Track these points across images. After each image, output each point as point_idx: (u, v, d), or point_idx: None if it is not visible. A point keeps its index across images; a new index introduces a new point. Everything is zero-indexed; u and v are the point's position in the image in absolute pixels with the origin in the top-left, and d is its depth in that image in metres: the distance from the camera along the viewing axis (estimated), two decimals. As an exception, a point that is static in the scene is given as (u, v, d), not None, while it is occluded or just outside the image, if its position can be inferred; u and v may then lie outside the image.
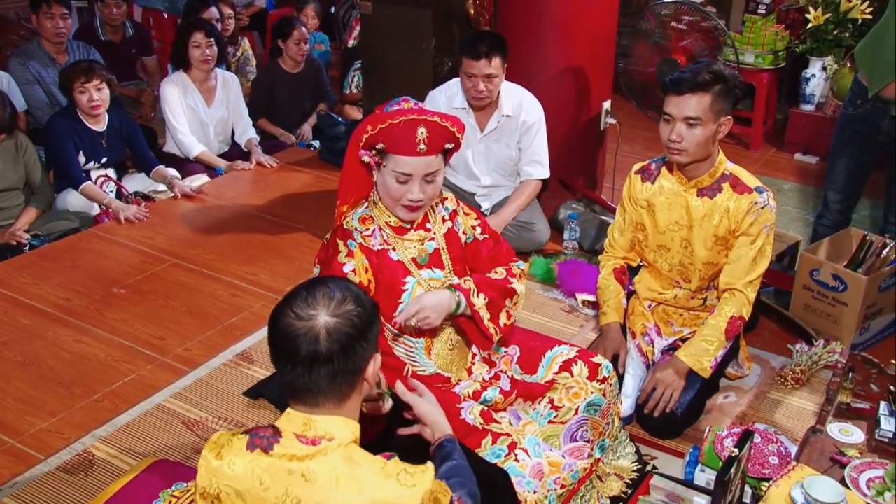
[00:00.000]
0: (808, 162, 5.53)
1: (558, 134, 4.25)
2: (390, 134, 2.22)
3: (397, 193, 2.28)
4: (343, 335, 1.60)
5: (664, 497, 2.56)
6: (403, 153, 2.23)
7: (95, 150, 4.50)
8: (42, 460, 2.74)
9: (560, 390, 2.48)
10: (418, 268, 2.38)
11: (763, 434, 2.66)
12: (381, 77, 4.93)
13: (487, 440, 2.24)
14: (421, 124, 2.23)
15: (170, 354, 3.32)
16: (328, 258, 2.31)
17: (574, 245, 4.08)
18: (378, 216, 2.37)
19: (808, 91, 5.59)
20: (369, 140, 2.25)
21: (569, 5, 4.08)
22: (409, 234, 2.39)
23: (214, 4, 5.76)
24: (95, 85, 4.36)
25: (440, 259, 2.42)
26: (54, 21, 4.99)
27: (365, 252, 2.32)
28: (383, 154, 2.26)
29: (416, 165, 2.25)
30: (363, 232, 2.35)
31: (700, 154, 2.79)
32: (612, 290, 3.09)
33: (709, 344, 2.83)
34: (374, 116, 2.27)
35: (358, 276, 2.29)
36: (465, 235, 2.52)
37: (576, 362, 2.50)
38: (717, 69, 2.73)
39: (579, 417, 2.46)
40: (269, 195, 4.79)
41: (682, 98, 2.71)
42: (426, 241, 2.41)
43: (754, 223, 2.81)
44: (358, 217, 2.37)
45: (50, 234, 4.25)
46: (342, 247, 2.31)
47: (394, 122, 2.21)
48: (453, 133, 2.29)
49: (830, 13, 5.31)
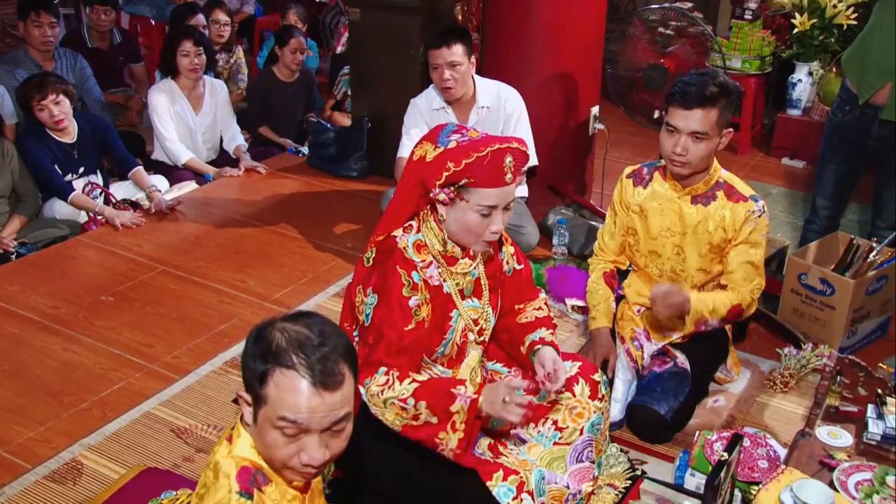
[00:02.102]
0: (795, 166, 5.55)
1: (547, 139, 4.26)
2: (478, 167, 2.09)
3: (479, 228, 2.18)
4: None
5: (654, 501, 2.56)
6: (492, 185, 2.12)
7: (69, 162, 4.46)
8: (30, 469, 2.72)
9: (563, 411, 2.43)
10: (462, 299, 2.32)
11: (752, 438, 2.67)
12: (370, 83, 4.94)
13: (499, 475, 2.20)
14: (507, 153, 2.12)
15: (158, 362, 3.31)
16: (387, 287, 2.17)
17: (563, 250, 4.09)
18: (432, 244, 2.25)
19: (794, 96, 5.62)
20: (451, 177, 2.11)
21: (556, 11, 4.09)
22: (458, 264, 2.29)
23: (209, 11, 5.75)
24: (52, 99, 4.28)
25: (480, 288, 2.36)
26: (42, 29, 4.98)
27: (427, 286, 2.23)
28: (464, 190, 2.14)
29: (501, 196, 2.15)
30: (421, 264, 2.23)
31: (702, 166, 2.80)
32: (602, 295, 3.10)
33: (711, 308, 2.80)
34: (449, 152, 2.13)
35: (420, 312, 2.20)
36: (507, 265, 2.47)
37: (577, 381, 2.44)
38: (722, 81, 2.71)
39: (585, 438, 2.42)
40: (258, 202, 4.78)
41: (690, 112, 2.69)
42: (471, 271, 2.33)
43: (753, 231, 2.81)
44: (412, 244, 2.23)
45: (37, 241, 4.24)
46: (405, 279, 2.18)
47: (480, 155, 2.09)
48: (527, 154, 2.21)
49: (816, 19, 5.35)
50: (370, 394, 2.15)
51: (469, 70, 3.88)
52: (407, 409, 2.11)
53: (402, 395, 2.11)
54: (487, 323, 2.39)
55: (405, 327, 2.17)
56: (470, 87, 3.95)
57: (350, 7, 4.89)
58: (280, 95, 5.56)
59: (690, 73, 2.80)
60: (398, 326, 2.16)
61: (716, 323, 2.85)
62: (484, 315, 2.37)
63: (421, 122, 4.08)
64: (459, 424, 2.11)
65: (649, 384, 2.89)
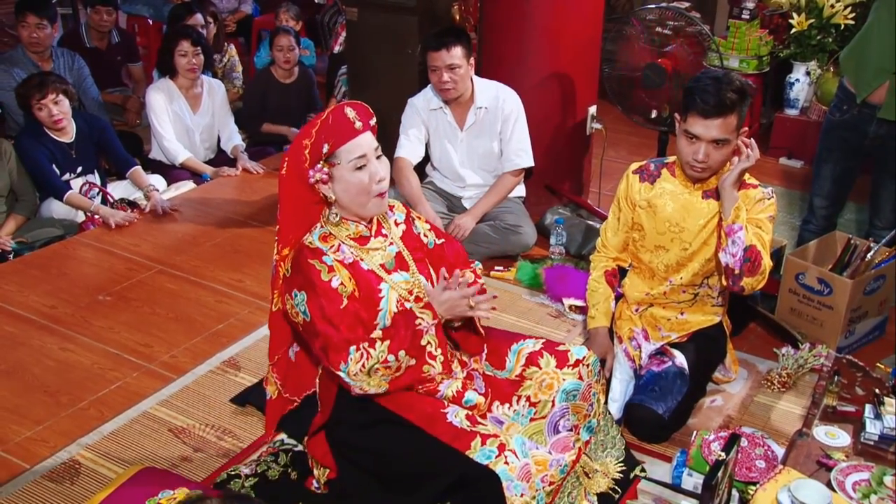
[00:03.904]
0: (792, 166, 5.56)
1: (544, 139, 4.26)
2: (327, 129, 2.26)
3: (364, 184, 2.31)
4: None
5: (652, 501, 2.56)
6: (348, 137, 2.27)
7: (67, 161, 4.46)
8: (27, 469, 2.72)
9: (533, 386, 2.49)
10: (388, 273, 2.41)
11: (750, 438, 2.67)
12: (367, 83, 4.93)
13: (477, 442, 2.24)
14: (344, 107, 2.28)
15: (156, 362, 3.30)
16: (308, 281, 2.29)
17: (561, 250, 4.09)
18: (338, 233, 2.39)
19: (792, 96, 5.63)
20: (313, 151, 2.28)
21: (554, 11, 4.09)
22: (371, 242, 2.42)
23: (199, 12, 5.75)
24: (52, 99, 4.29)
25: (404, 261, 2.46)
26: (29, 30, 4.98)
27: (343, 265, 2.34)
28: (332, 157, 2.29)
29: (363, 144, 2.30)
30: (329, 249, 2.35)
31: (721, 168, 2.82)
32: (602, 294, 3.10)
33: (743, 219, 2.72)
34: (298, 137, 2.31)
35: (346, 288, 2.30)
36: (426, 238, 2.58)
37: (542, 355, 2.52)
38: (738, 86, 2.70)
39: (558, 408, 2.47)
40: (256, 202, 4.78)
41: (711, 121, 2.69)
42: (387, 247, 2.45)
43: (764, 210, 2.82)
44: (318, 237, 2.37)
45: (35, 241, 4.23)
46: (319, 265, 2.30)
47: (323, 119, 2.27)
48: (364, 105, 2.34)
49: (813, 18, 5.35)
50: (351, 373, 2.25)
51: (468, 72, 3.89)
52: (391, 365, 2.28)
53: (381, 356, 2.26)
54: (424, 293, 2.45)
55: (339, 306, 2.28)
56: (468, 88, 3.95)
57: (347, 7, 4.89)
58: (277, 96, 5.56)
59: (703, 78, 2.76)
60: (335, 307, 2.27)
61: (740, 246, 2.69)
62: (417, 284, 2.45)
63: (418, 122, 4.08)
64: (435, 350, 2.37)
65: (647, 384, 2.89)
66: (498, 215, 4.09)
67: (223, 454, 2.78)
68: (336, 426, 2.44)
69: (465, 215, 4.04)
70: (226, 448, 2.81)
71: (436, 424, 2.29)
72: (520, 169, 4.08)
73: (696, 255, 2.93)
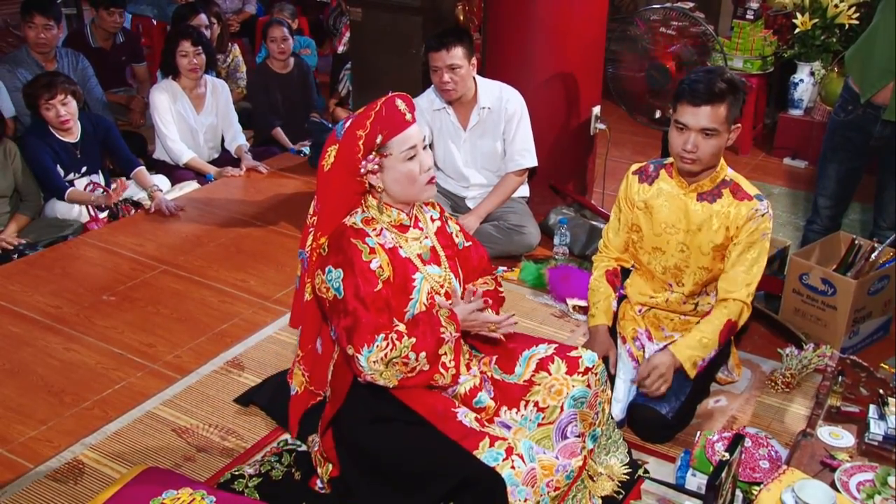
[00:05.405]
0: (796, 166, 5.55)
1: (548, 139, 4.26)
2: (381, 121, 2.30)
3: (415, 174, 2.36)
4: None
5: (656, 502, 2.56)
6: (402, 128, 2.32)
7: (72, 161, 4.48)
8: (31, 469, 2.72)
9: (542, 391, 2.48)
10: (423, 264, 2.44)
11: (754, 438, 2.67)
12: (371, 83, 4.93)
13: (485, 442, 2.23)
14: (394, 99, 2.34)
15: (160, 361, 3.31)
16: (348, 259, 2.30)
17: (564, 250, 4.09)
18: (380, 219, 2.41)
19: (796, 96, 5.62)
20: (367, 142, 2.31)
21: (558, 11, 4.09)
22: (410, 231, 2.45)
23: (203, 12, 5.76)
24: (60, 100, 4.32)
25: (437, 256, 2.49)
26: (36, 31, 5.00)
27: (383, 249, 2.36)
28: (384, 148, 2.32)
29: (415, 135, 2.35)
30: (373, 232, 2.38)
31: (712, 162, 2.82)
32: (603, 293, 3.10)
33: (703, 344, 2.82)
34: (350, 128, 2.35)
35: (383, 272, 2.33)
36: (457, 238, 2.62)
37: (553, 360, 2.51)
38: (729, 77, 2.73)
39: (567, 414, 2.46)
40: (260, 201, 4.78)
41: (699, 109, 2.70)
42: (423, 240, 2.47)
43: (755, 231, 2.82)
44: (361, 220, 2.40)
45: (39, 241, 4.24)
46: (361, 245, 2.32)
47: (376, 110, 2.31)
48: (410, 98, 2.39)
49: (818, 18, 5.35)
50: (371, 360, 2.25)
51: (469, 72, 3.89)
52: (409, 363, 2.29)
53: (404, 351, 2.27)
54: (452, 289, 2.48)
55: (374, 289, 2.30)
56: (471, 89, 3.95)
57: (352, 7, 4.90)
58: (278, 87, 5.59)
59: (696, 71, 2.81)
60: (370, 288, 2.29)
61: (714, 352, 2.86)
62: (447, 280, 2.48)
63: (422, 123, 4.06)
64: (449, 362, 2.36)
65: (651, 384, 2.89)
66: (502, 215, 4.09)
67: (227, 454, 2.78)
68: (346, 419, 2.43)
69: (468, 215, 4.04)
70: (229, 448, 2.81)
71: (446, 421, 2.29)
72: (523, 169, 4.08)
73: (692, 259, 2.93)
